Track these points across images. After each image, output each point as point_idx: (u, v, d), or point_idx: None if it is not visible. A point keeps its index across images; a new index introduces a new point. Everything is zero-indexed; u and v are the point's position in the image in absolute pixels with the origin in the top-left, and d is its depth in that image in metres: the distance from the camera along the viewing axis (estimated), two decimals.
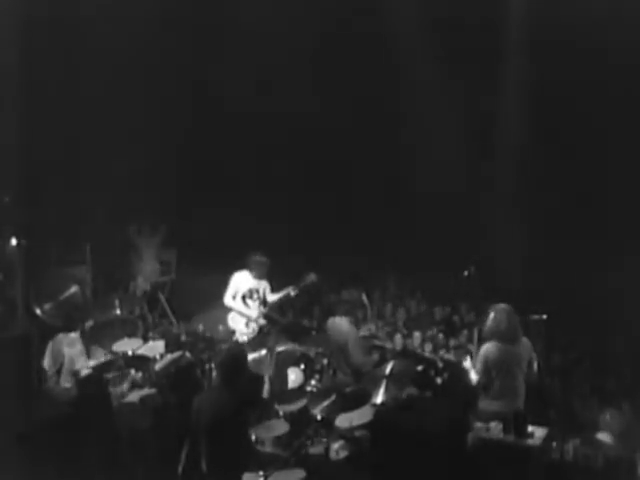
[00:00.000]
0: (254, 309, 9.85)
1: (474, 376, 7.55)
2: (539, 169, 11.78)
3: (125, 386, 8.72)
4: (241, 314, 9.85)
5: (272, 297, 10.01)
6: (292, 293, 9.98)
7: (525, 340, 7.62)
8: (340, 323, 8.58)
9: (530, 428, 7.02)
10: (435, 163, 12.29)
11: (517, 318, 7.57)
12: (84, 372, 8.69)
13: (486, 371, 7.44)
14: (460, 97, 11.86)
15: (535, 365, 7.67)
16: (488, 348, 7.50)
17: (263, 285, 9.92)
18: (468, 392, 7.73)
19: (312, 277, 9.92)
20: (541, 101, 11.49)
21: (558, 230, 11.54)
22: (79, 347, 8.89)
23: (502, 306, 7.61)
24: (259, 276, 9.83)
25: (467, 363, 7.80)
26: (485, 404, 7.46)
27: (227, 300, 9.90)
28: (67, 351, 8.80)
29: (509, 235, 11.64)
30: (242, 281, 9.87)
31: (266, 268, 9.83)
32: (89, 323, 9.46)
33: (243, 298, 9.84)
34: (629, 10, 10.51)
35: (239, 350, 7.07)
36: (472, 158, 12.15)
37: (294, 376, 8.92)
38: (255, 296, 9.86)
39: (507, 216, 11.80)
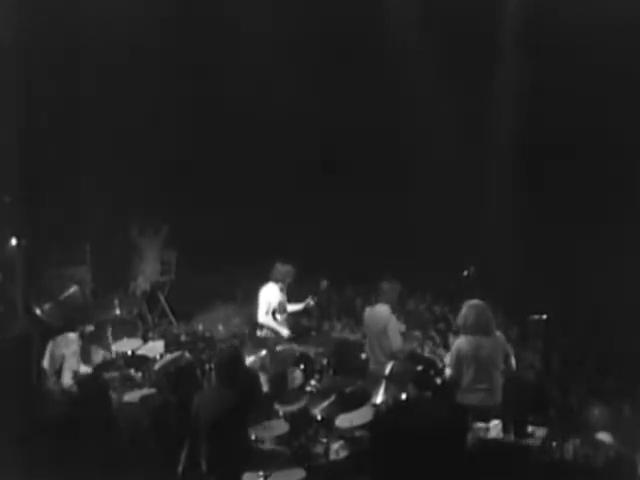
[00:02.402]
0: (282, 328, 9.56)
1: (448, 371, 7.70)
2: (540, 169, 11.77)
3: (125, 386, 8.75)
4: (274, 331, 9.51)
5: (292, 308, 9.81)
6: (312, 303, 9.91)
7: (499, 334, 7.74)
8: (381, 310, 8.82)
9: (530, 428, 7.03)
10: (436, 163, 12.28)
11: (489, 313, 7.67)
12: (68, 375, 8.70)
13: (457, 365, 7.56)
14: (461, 97, 11.84)
15: (512, 359, 7.75)
16: (458, 342, 7.66)
17: (284, 297, 9.68)
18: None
19: (324, 284, 9.91)
20: (542, 101, 11.48)
21: (558, 230, 11.53)
22: (74, 348, 8.91)
23: (472, 302, 7.76)
24: (286, 287, 9.58)
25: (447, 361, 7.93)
26: (460, 398, 7.54)
27: (261, 318, 9.51)
28: (65, 351, 8.83)
29: (509, 235, 11.63)
30: (273, 295, 9.54)
31: (294, 277, 9.62)
32: (90, 328, 9.46)
33: (273, 313, 9.51)
34: (625, 10, 10.50)
35: (233, 350, 7.08)
36: (473, 157, 12.15)
37: (295, 376, 8.95)
38: (283, 309, 9.61)
39: (507, 216, 11.79)
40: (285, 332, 9.57)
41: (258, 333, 9.54)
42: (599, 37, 10.57)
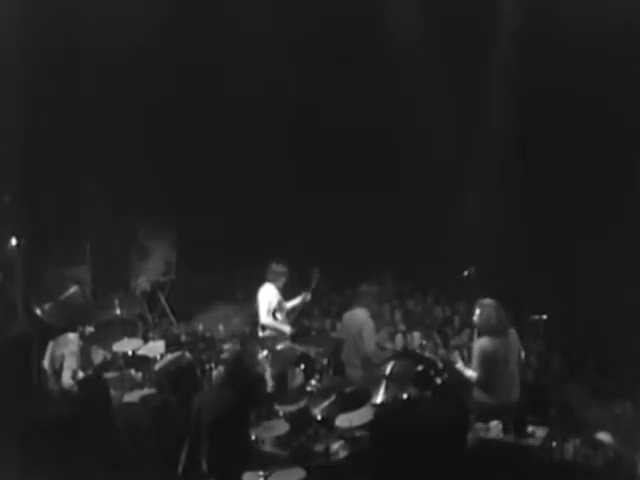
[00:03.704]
0: (284, 325, 9.57)
1: (472, 373, 7.65)
2: (540, 169, 11.77)
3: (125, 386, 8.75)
4: (275, 331, 9.49)
5: (290, 304, 9.79)
6: (308, 298, 9.88)
7: (513, 331, 7.79)
8: (358, 313, 8.78)
9: (530, 428, 7.03)
10: (436, 163, 12.28)
11: (503, 311, 7.70)
12: (67, 374, 8.71)
13: (483, 367, 7.55)
14: (461, 96, 11.84)
15: (522, 354, 7.89)
16: (482, 344, 7.62)
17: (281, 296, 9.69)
18: (467, 391, 7.78)
19: (316, 274, 9.89)
20: (543, 100, 11.47)
21: (558, 230, 11.53)
22: (72, 347, 8.91)
23: (488, 301, 7.76)
24: (281, 286, 9.58)
25: (459, 364, 7.89)
26: (484, 397, 7.55)
27: (264, 319, 9.47)
28: (64, 351, 8.84)
29: (509, 235, 11.63)
30: (272, 295, 9.53)
31: (287, 277, 9.61)
32: (90, 328, 9.46)
33: (273, 313, 9.50)
34: (619, 9, 10.50)
35: (249, 353, 7.08)
36: (473, 157, 12.15)
37: (295, 376, 8.96)
38: (282, 308, 9.60)
39: (507, 216, 11.79)
40: (287, 329, 9.57)
41: (261, 334, 9.54)
42: (598, 36, 10.57)
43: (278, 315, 9.55)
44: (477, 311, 7.77)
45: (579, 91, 11.05)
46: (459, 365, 7.84)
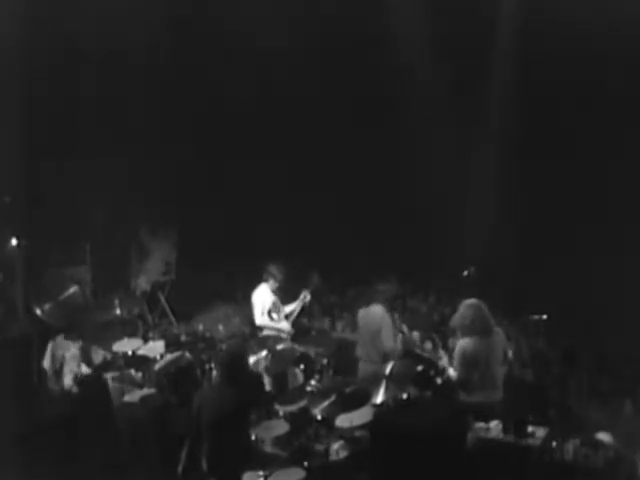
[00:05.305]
0: (281, 323, 9.63)
1: (452, 372, 7.69)
2: (541, 169, 11.77)
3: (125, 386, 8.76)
4: (273, 330, 9.52)
5: (290, 307, 9.83)
6: (308, 298, 9.88)
7: (498, 330, 7.78)
8: (375, 310, 8.74)
9: (530, 428, 7.03)
10: (435, 162, 12.28)
11: (487, 311, 7.67)
12: (69, 377, 8.72)
13: (463, 367, 7.56)
14: (460, 97, 11.84)
15: (509, 354, 7.90)
16: (462, 344, 7.62)
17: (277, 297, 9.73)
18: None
19: (316, 278, 9.91)
20: (543, 100, 11.48)
21: (558, 229, 11.54)
22: (72, 350, 8.92)
23: (469, 301, 7.73)
24: (275, 288, 9.62)
25: (443, 361, 7.97)
26: (465, 397, 7.58)
27: (259, 320, 9.55)
28: (65, 353, 8.86)
29: (509, 235, 11.63)
30: (266, 296, 9.59)
31: (282, 279, 9.65)
32: (87, 325, 9.48)
33: (269, 313, 9.54)
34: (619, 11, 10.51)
35: (239, 348, 7.09)
36: (472, 157, 12.15)
37: (295, 376, 8.96)
38: (278, 308, 9.63)
39: (507, 216, 11.79)
40: (285, 326, 9.58)
41: (259, 335, 9.55)
42: (598, 38, 10.58)
43: (274, 315, 9.57)
44: (458, 311, 7.77)
45: (579, 92, 11.06)
46: (442, 363, 7.93)
